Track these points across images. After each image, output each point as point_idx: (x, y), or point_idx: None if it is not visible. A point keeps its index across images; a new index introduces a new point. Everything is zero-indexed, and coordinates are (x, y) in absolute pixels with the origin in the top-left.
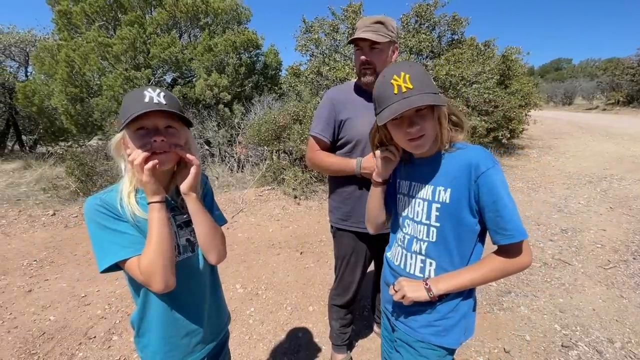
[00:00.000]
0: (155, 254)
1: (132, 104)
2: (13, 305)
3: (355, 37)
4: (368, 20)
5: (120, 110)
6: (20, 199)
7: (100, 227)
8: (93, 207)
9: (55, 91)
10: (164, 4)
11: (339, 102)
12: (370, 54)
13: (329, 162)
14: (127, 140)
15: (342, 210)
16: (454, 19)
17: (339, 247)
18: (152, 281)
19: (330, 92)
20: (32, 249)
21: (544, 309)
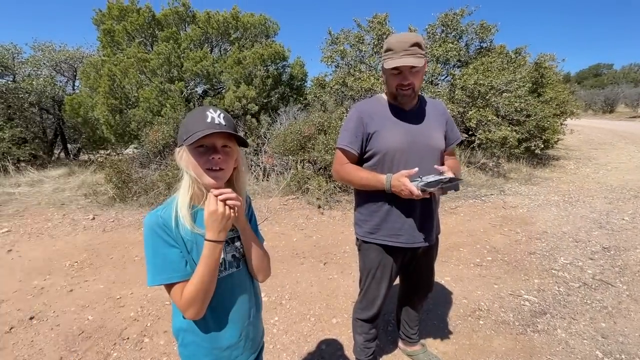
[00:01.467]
0: (199, 289)
1: (195, 122)
2: (56, 304)
3: (399, 64)
4: (405, 42)
5: (183, 126)
6: (64, 203)
7: (156, 246)
8: (153, 224)
9: (98, 103)
10: (197, 21)
11: (367, 115)
12: (411, 76)
13: (358, 176)
14: (187, 155)
15: (370, 223)
16: (481, 26)
17: (364, 260)
18: (188, 311)
19: (358, 106)
20: (73, 250)
21: (583, 334)
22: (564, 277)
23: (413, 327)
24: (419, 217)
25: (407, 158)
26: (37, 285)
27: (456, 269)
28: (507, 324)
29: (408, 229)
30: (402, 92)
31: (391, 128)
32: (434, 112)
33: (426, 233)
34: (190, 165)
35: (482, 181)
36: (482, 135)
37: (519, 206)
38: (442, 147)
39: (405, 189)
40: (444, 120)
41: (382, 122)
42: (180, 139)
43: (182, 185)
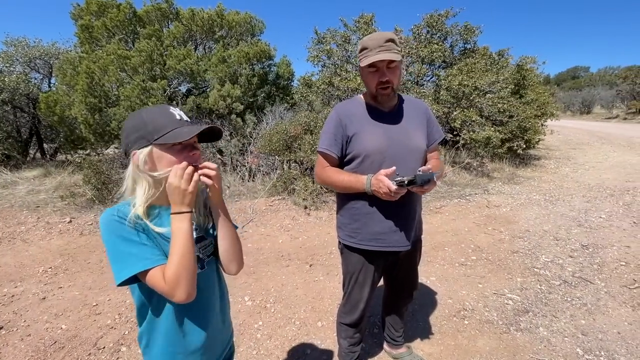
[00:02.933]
0: (181, 264)
1: (163, 120)
2: (27, 313)
3: (376, 59)
4: (380, 39)
5: (148, 125)
6: (39, 205)
7: (120, 238)
8: (111, 218)
9: (75, 101)
10: (181, 18)
11: (346, 117)
12: (388, 72)
13: (339, 179)
14: (157, 154)
15: (350, 226)
16: (465, 28)
17: (347, 264)
18: (177, 291)
19: (337, 107)
20: (48, 255)
21: (564, 331)
22: (545, 275)
23: (398, 329)
24: (401, 220)
25: (388, 160)
26: (7, 293)
27: (441, 269)
28: (491, 323)
29: (389, 233)
30: (382, 92)
31: (370, 130)
32: (415, 111)
33: (407, 236)
34: (160, 164)
35: (467, 180)
36: (467, 136)
37: (503, 205)
38: (423, 147)
39: (383, 186)
40: (424, 119)
41: (361, 124)
42: (141, 138)
43: (140, 190)
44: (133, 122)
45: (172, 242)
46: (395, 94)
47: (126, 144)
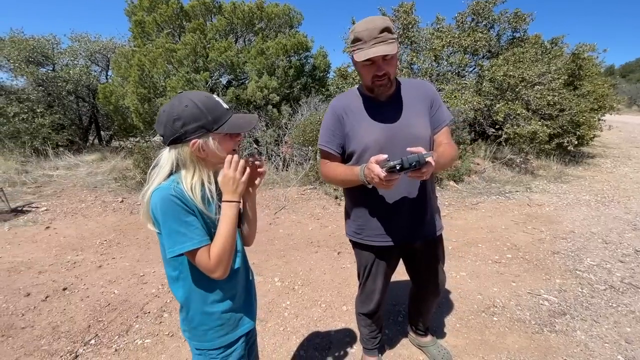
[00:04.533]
0: (225, 246)
1: (218, 111)
2: (86, 278)
3: (371, 55)
4: (374, 28)
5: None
6: (96, 186)
7: (174, 217)
8: (169, 198)
9: (128, 92)
10: (223, 12)
11: (343, 112)
12: (384, 64)
13: (336, 172)
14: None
15: (355, 223)
16: (515, 15)
17: (359, 257)
18: (218, 270)
19: (334, 102)
20: (103, 230)
21: (605, 337)
22: (589, 278)
23: (424, 323)
24: (407, 215)
25: (388, 152)
26: (70, 260)
27: (473, 265)
28: (522, 322)
29: (395, 228)
30: (379, 83)
31: (367, 124)
32: (415, 95)
33: (417, 230)
34: (218, 151)
35: (508, 177)
36: (510, 130)
37: (546, 204)
38: (426, 135)
39: (374, 174)
40: (428, 103)
41: (357, 118)
42: (201, 128)
43: (188, 171)
44: (189, 111)
45: (219, 226)
46: (393, 83)
47: (181, 132)
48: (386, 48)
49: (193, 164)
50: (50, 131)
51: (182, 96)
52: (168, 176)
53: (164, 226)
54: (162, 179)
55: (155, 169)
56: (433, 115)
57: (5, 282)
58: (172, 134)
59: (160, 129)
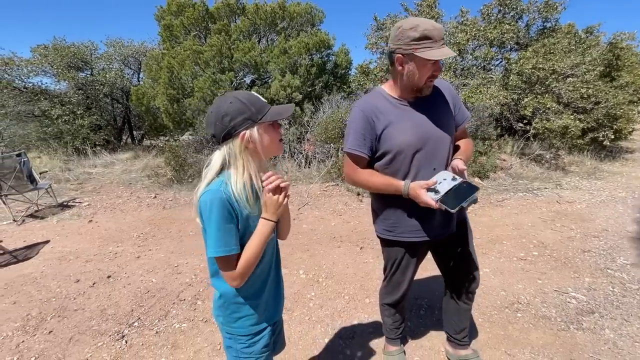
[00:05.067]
0: (249, 261)
1: (259, 103)
2: (127, 267)
3: (444, 56)
4: (441, 30)
5: (250, 108)
6: (131, 183)
7: (222, 220)
8: (221, 201)
9: (158, 93)
10: (247, 12)
11: (373, 114)
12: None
13: (372, 182)
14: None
15: (387, 222)
16: (546, 4)
17: (387, 252)
18: (237, 280)
19: (360, 104)
20: (139, 224)
21: (636, 336)
22: (621, 277)
23: (460, 326)
24: (439, 213)
25: (422, 154)
26: (112, 251)
27: (497, 262)
28: (547, 319)
29: (427, 225)
30: (430, 83)
31: (400, 124)
32: (439, 94)
33: (446, 223)
34: (267, 141)
35: (536, 174)
36: (539, 125)
37: (577, 201)
38: (452, 133)
39: (422, 202)
40: (450, 101)
41: (389, 118)
42: (248, 119)
43: (238, 168)
44: (235, 106)
45: (252, 239)
46: None
47: (231, 127)
48: (450, 51)
49: (242, 158)
50: (89, 131)
51: (225, 96)
52: (218, 173)
53: (207, 227)
54: (212, 176)
55: (207, 168)
56: (456, 115)
57: (58, 269)
58: (222, 130)
59: (211, 129)
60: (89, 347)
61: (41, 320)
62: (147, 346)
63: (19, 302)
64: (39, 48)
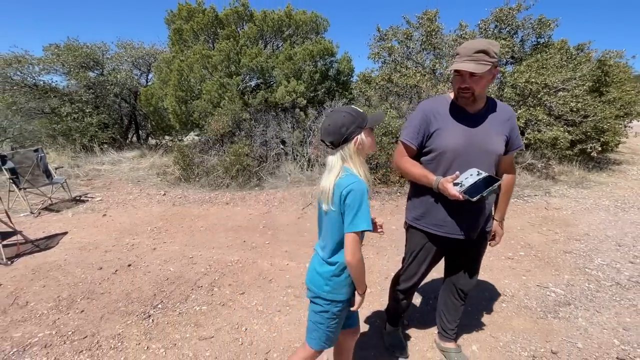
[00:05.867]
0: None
1: (362, 113)
2: (145, 257)
3: (457, 67)
4: (471, 49)
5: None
6: (140, 180)
7: (367, 204)
8: (365, 190)
9: (167, 95)
10: (254, 19)
11: (431, 114)
12: (470, 81)
13: (412, 172)
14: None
15: (417, 210)
16: (539, 21)
17: (410, 241)
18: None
19: (424, 104)
20: (152, 218)
21: (605, 324)
22: (597, 275)
23: (451, 321)
24: (464, 212)
25: (463, 159)
26: (129, 242)
27: (486, 260)
28: (529, 309)
29: (450, 222)
30: (462, 95)
31: (452, 128)
32: (500, 117)
33: (470, 227)
34: (369, 142)
35: (527, 182)
36: (531, 135)
37: (563, 208)
38: (499, 151)
39: (449, 194)
40: (508, 127)
41: (444, 121)
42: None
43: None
44: (348, 118)
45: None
46: (481, 99)
47: (347, 134)
48: (473, 66)
49: (357, 157)
50: (97, 130)
51: (337, 111)
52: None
53: (358, 208)
54: (337, 172)
55: (330, 170)
56: (510, 139)
57: (80, 258)
58: (341, 137)
59: (330, 139)
60: (119, 324)
61: (72, 301)
62: (172, 324)
63: (48, 286)
64: (51, 47)
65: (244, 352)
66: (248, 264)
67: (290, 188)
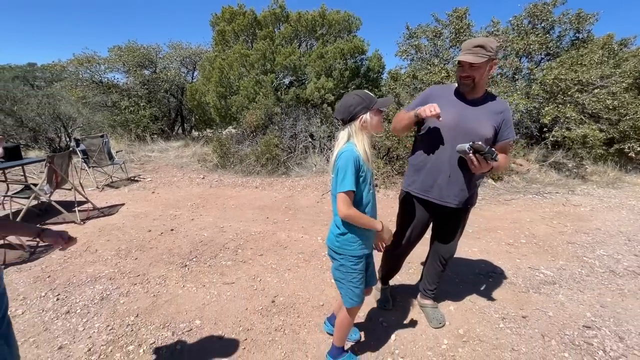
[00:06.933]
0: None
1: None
2: (184, 225)
3: (459, 59)
4: (471, 43)
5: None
6: (183, 166)
7: (350, 168)
8: (353, 157)
9: (209, 90)
10: (290, 20)
11: (434, 95)
12: (469, 70)
13: (401, 117)
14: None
15: (411, 178)
16: (578, 16)
17: (401, 209)
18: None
19: (432, 87)
20: (191, 196)
21: (583, 301)
22: (592, 263)
23: (431, 283)
24: (448, 180)
25: (452, 135)
26: (172, 214)
27: (486, 245)
28: (513, 284)
29: (436, 188)
30: (463, 82)
31: (447, 109)
32: (493, 109)
33: (453, 195)
34: (375, 122)
35: (553, 180)
36: (558, 133)
37: (582, 205)
38: (486, 135)
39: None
40: (499, 118)
41: (442, 102)
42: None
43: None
44: (356, 100)
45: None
46: (480, 88)
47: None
48: (471, 57)
49: (360, 133)
50: (149, 121)
51: (350, 93)
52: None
53: (343, 172)
54: (342, 144)
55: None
56: (501, 129)
57: (134, 223)
58: (348, 115)
59: (340, 116)
60: (163, 269)
61: (128, 252)
62: (202, 272)
63: (111, 240)
64: (115, 48)
65: (256, 295)
66: (268, 234)
67: (313, 176)
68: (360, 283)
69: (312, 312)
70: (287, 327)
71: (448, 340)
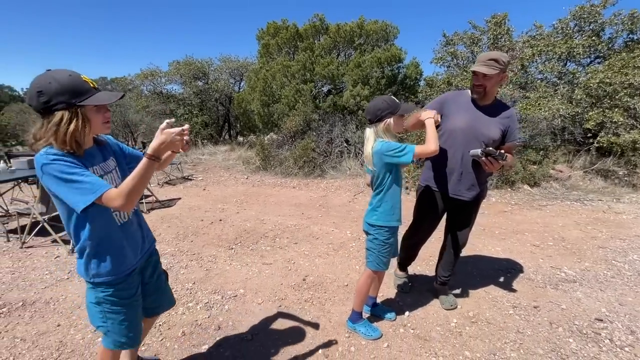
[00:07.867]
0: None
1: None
2: (231, 217)
3: (473, 69)
4: (486, 56)
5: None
6: (229, 167)
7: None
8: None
9: (254, 99)
10: (329, 32)
11: (447, 101)
12: (482, 80)
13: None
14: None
15: (427, 174)
16: (631, 16)
17: (418, 201)
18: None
19: (447, 93)
20: (237, 193)
21: (602, 299)
22: (621, 267)
23: (445, 270)
24: (459, 176)
25: (465, 137)
26: (220, 207)
27: (511, 245)
28: (531, 280)
29: (451, 184)
30: (476, 90)
31: (460, 113)
32: (502, 114)
33: (465, 190)
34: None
35: (597, 187)
36: (604, 139)
37: (626, 213)
38: (494, 137)
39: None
40: (507, 123)
41: (456, 108)
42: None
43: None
44: (384, 105)
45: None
46: (491, 95)
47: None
48: (484, 69)
49: (383, 133)
50: (200, 128)
51: (379, 98)
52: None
53: (394, 149)
54: (372, 143)
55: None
56: (508, 132)
57: (189, 214)
58: (374, 117)
59: (368, 116)
60: (213, 250)
61: (185, 236)
62: (246, 254)
63: (171, 226)
64: (174, 63)
65: (290, 274)
66: (303, 227)
67: (347, 178)
68: (388, 254)
69: (338, 290)
70: (315, 299)
71: (457, 320)
